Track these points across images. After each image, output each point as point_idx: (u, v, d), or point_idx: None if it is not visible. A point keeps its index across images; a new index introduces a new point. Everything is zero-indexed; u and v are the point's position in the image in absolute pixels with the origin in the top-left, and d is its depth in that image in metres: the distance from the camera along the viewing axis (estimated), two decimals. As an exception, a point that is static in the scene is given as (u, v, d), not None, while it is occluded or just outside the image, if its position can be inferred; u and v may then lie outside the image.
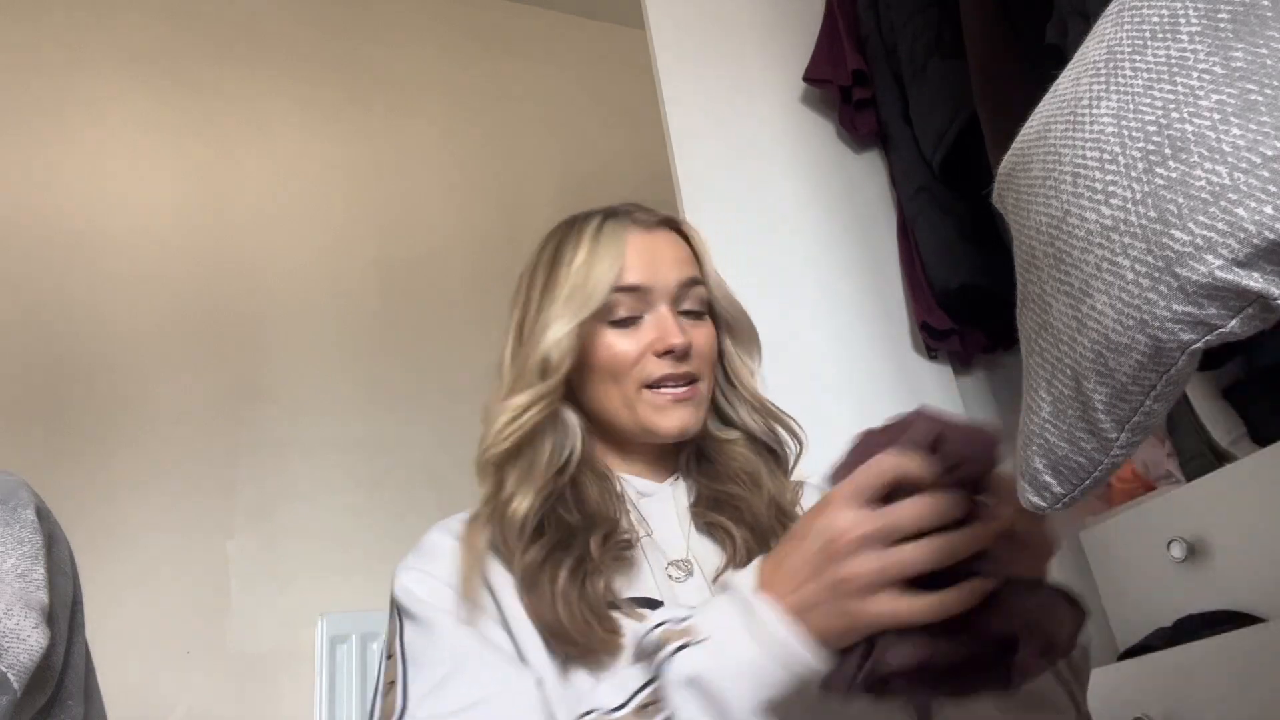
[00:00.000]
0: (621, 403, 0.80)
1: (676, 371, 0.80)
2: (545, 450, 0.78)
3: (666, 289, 0.82)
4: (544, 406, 0.78)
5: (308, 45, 2.63)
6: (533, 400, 0.78)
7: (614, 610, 0.68)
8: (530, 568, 0.70)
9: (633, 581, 0.72)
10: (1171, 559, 1.21)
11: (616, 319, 0.81)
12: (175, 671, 1.82)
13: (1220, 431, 1.25)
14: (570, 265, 0.82)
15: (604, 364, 0.80)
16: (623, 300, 0.80)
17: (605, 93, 2.96)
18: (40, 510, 0.84)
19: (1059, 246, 0.42)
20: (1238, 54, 0.36)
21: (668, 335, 0.79)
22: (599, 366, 0.81)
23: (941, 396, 1.60)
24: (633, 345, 0.80)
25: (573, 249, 0.83)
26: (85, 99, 2.29)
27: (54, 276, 2.08)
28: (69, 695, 0.82)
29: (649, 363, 0.80)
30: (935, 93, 1.51)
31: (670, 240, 0.86)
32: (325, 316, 2.30)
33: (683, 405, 0.80)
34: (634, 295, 0.81)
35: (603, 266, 0.80)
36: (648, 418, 0.80)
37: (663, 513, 0.80)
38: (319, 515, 2.07)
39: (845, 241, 1.67)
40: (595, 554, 0.70)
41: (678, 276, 0.83)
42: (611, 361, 0.80)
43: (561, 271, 0.82)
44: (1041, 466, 0.46)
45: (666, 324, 0.80)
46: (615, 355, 0.80)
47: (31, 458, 1.86)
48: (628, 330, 0.81)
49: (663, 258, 0.83)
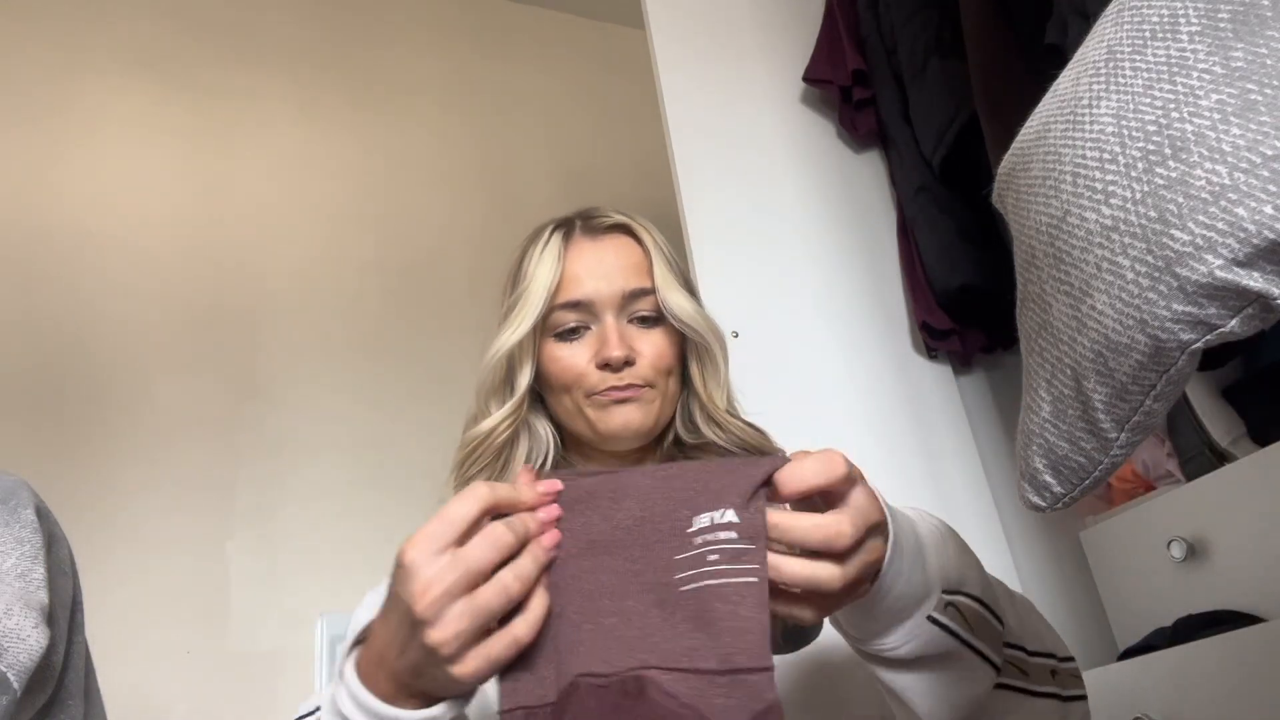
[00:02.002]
0: (572, 411, 0.82)
1: (619, 383, 0.80)
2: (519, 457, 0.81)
3: (610, 300, 0.81)
4: (509, 425, 0.81)
5: (307, 46, 2.63)
6: (497, 422, 0.81)
7: None
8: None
9: None
10: (1171, 559, 1.21)
11: (562, 332, 0.82)
12: (175, 671, 1.81)
13: (1220, 431, 1.25)
14: (521, 281, 0.83)
15: (553, 377, 0.82)
16: (567, 315, 0.81)
17: (605, 93, 2.95)
18: (40, 510, 0.84)
19: (1059, 246, 0.42)
20: (1238, 54, 0.36)
21: (606, 348, 0.80)
22: (548, 379, 0.82)
23: (941, 396, 1.60)
24: (578, 357, 0.81)
25: (526, 263, 0.84)
26: (85, 100, 2.29)
27: (53, 276, 2.08)
28: (69, 695, 0.82)
29: (592, 374, 0.80)
30: (935, 93, 1.51)
31: (619, 247, 0.85)
32: (325, 316, 2.30)
33: (625, 405, 0.80)
34: (577, 310, 0.81)
35: (541, 283, 0.81)
36: (595, 420, 0.80)
37: None
38: (319, 515, 2.07)
39: (845, 241, 1.67)
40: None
41: (623, 286, 0.82)
42: (559, 375, 0.81)
43: (519, 286, 0.84)
44: (1041, 466, 0.46)
45: (607, 336, 0.80)
46: (561, 369, 0.81)
47: (31, 458, 1.86)
48: (574, 342, 0.82)
49: (608, 267, 0.83)
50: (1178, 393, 0.40)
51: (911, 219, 1.61)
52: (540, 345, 0.82)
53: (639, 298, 0.82)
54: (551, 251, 0.83)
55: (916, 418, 1.55)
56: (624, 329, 0.81)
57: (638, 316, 0.83)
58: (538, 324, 0.81)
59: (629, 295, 0.82)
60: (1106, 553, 1.36)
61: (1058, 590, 1.49)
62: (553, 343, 0.82)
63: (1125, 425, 0.41)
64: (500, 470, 0.82)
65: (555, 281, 0.81)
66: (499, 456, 0.82)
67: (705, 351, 0.85)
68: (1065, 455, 0.44)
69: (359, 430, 2.20)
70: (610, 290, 0.82)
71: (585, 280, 0.82)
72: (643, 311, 0.83)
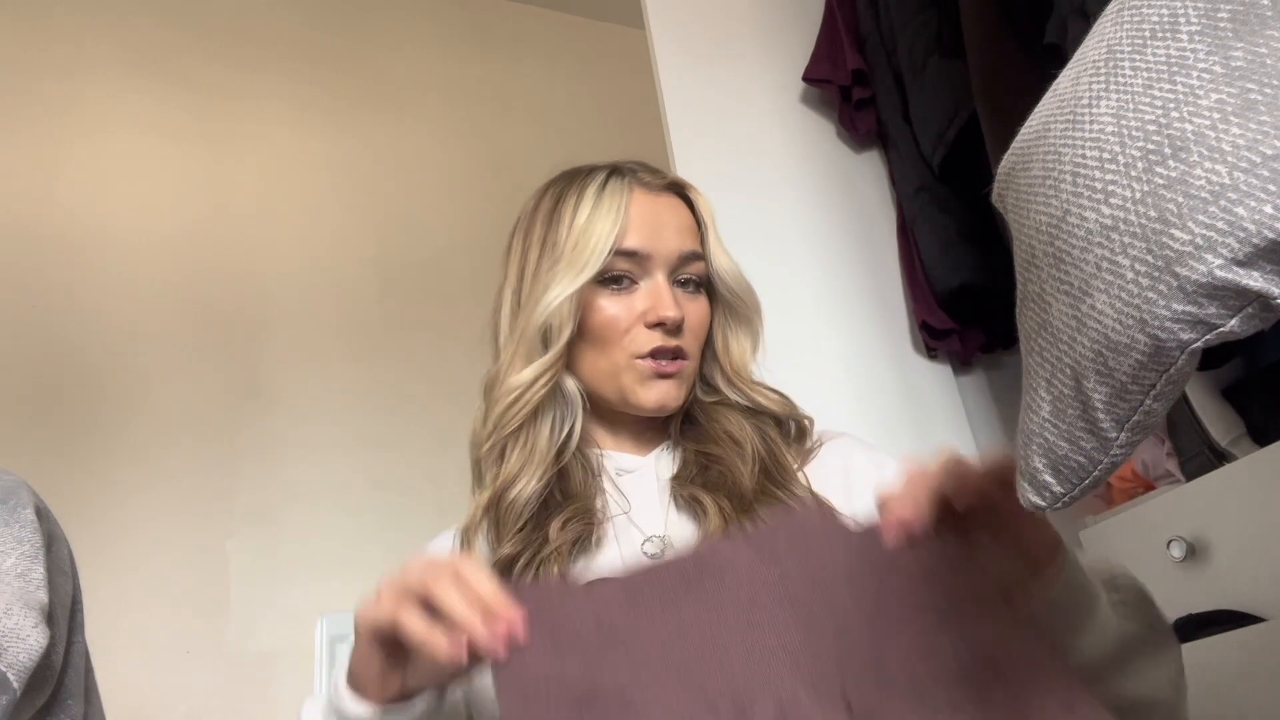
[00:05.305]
0: (608, 371, 0.77)
1: (667, 345, 0.76)
2: (546, 425, 0.75)
3: (666, 258, 0.78)
4: (549, 379, 0.75)
5: (307, 46, 2.63)
6: (537, 374, 0.75)
7: None
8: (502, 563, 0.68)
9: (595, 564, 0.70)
10: (1171, 559, 1.21)
11: (609, 279, 0.77)
12: (175, 671, 1.81)
13: (1220, 431, 1.25)
14: (570, 224, 0.78)
15: (594, 329, 0.77)
16: (620, 262, 0.77)
17: (605, 93, 2.95)
18: (40, 510, 0.83)
19: (1059, 246, 0.42)
20: (1237, 53, 0.36)
21: (661, 306, 0.76)
22: (589, 331, 0.77)
23: (941, 396, 1.60)
24: (625, 312, 0.77)
25: (573, 205, 0.79)
26: (86, 100, 2.29)
27: (53, 276, 2.08)
28: (69, 695, 0.82)
29: (640, 333, 0.76)
30: (935, 92, 1.51)
31: (674, 207, 0.82)
32: (325, 316, 2.30)
33: (666, 381, 0.77)
34: (632, 260, 0.77)
35: (603, 227, 0.76)
36: (630, 388, 0.77)
37: (642, 489, 0.77)
38: (319, 515, 2.07)
39: (845, 241, 1.67)
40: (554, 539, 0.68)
41: (678, 247, 0.79)
42: (602, 327, 0.77)
43: (561, 230, 0.78)
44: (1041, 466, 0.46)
45: (662, 294, 0.77)
46: (606, 320, 0.76)
47: (31, 457, 1.86)
48: (621, 295, 0.77)
49: (665, 224, 0.79)
50: (1178, 392, 0.40)
51: (911, 218, 1.61)
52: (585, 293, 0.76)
53: (690, 261, 0.80)
54: (614, 197, 0.78)
55: (916, 418, 1.55)
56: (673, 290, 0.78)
57: (683, 280, 0.80)
58: (604, 266, 0.75)
59: (683, 257, 0.79)
60: (1106, 552, 1.36)
61: (1058, 590, 1.49)
62: (600, 291, 0.77)
63: (1125, 425, 0.41)
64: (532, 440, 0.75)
65: (620, 229, 0.76)
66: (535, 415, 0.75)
67: (745, 321, 0.83)
68: (1065, 455, 0.44)
69: (359, 430, 2.20)
70: (667, 249, 0.78)
71: (645, 231, 0.78)
72: (691, 275, 0.80)
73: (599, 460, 0.79)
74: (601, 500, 0.75)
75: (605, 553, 0.71)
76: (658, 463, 0.80)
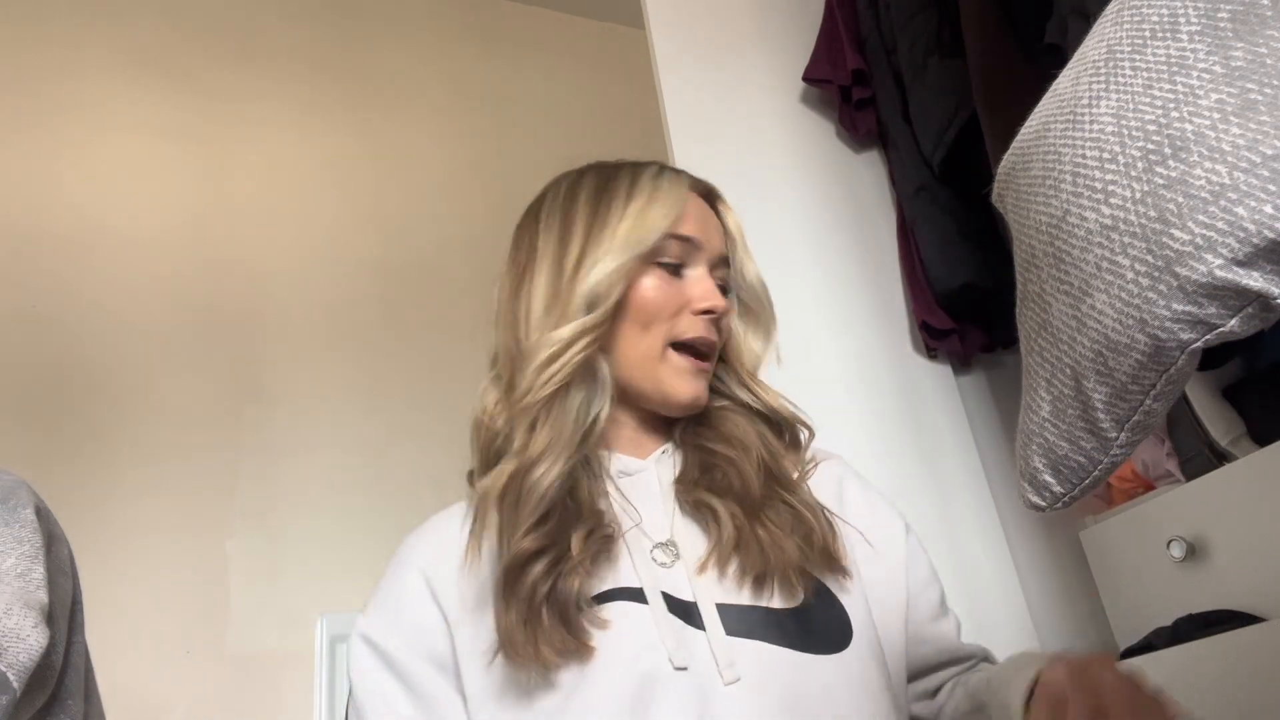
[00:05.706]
0: (646, 355, 0.77)
1: (709, 336, 0.79)
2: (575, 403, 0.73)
3: (713, 254, 0.82)
4: (589, 343, 0.73)
5: (307, 47, 2.63)
6: (577, 333, 0.73)
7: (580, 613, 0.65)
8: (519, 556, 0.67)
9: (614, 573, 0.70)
10: (1171, 559, 1.21)
11: (663, 262, 0.79)
12: (175, 671, 1.81)
13: (1220, 431, 1.25)
14: (626, 203, 0.79)
15: (640, 306, 0.77)
16: (674, 245, 0.79)
17: (605, 93, 2.95)
18: (40, 509, 0.83)
19: (1059, 245, 0.42)
20: (1237, 53, 0.36)
21: (710, 296, 0.79)
22: (634, 309, 0.77)
23: (941, 396, 1.60)
24: (674, 294, 0.78)
25: (627, 187, 0.81)
26: (85, 100, 2.29)
27: (53, 276, 2.08)
28: (69, 695, 0.82)
29: (684, 319, 0.78)
30: (935, 92, 1.51)
31: (710, 212, 0.86)
32: (325, 316, 2.30)
33: (700, 377, 0.79)
34: (684, 246, 0.80)
35: (662, 210, 0.78)
36: (668, 379, 0.77)
37: (645, 493, 0.77)
38: (319, 515, 2.07)
39: (845, 241, 1.67)
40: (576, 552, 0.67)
41: (720, 247, 0.83)
42: (648, 305, 0.77)
43: (613, 210, 0.79)
44: (1041, 466, 0.46)
45: (709, 284, 0.80)
46: (653, 299, 0.77)
47: (31, 457, 1.85)
48: (669, 278, 0.79)
49: (711, 224, 0.83)
50: (1178, 392, 0.40)
51: (911, 218, 1.61)
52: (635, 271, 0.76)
53: (722, 265, 0.84)
54: (674, 186, 0.81)
55: (916, 418, 1.55)
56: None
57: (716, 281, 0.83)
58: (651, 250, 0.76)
59: (722, 258, 0.83)
60: (1106, 552, 1.36)
61: (1058, 590, 1.49)
62: (650, 270, 0.78)
63: (1125, 425, 0.41)
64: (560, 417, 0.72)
65: (678, 214, 0.79)
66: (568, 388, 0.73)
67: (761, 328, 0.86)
68: (1065, 455, 0.44)
69: (359, 430, 2.20)
70: (713, 245, 0.82)
71: (697, 224, 0.81)
72: (720, 279, 0.83)
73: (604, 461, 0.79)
74: (606, 504, 0.74)
75: (620, 564, 0.71)
76: (659, 466, 0.80)
